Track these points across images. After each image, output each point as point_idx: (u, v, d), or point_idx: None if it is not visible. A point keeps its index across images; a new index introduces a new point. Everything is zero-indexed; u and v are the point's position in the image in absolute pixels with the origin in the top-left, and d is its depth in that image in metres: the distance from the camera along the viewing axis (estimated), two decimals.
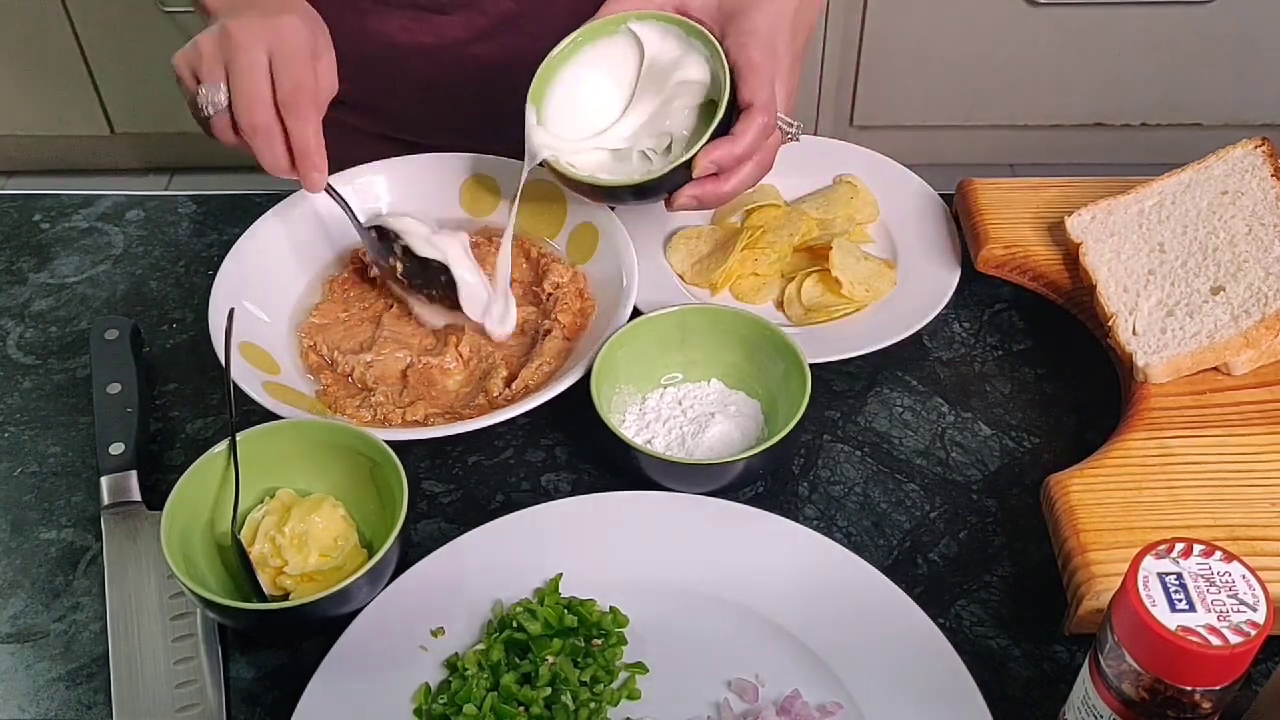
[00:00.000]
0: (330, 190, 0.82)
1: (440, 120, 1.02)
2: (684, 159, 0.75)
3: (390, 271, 0.85)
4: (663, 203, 0.79)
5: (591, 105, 0.83)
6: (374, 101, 1.02)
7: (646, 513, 0.73)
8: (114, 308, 0.91)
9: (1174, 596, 0.51)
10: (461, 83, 0.99)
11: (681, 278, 0.89)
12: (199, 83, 0.78)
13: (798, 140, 0.82)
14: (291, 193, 0.91)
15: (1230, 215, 0.83)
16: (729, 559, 0.71)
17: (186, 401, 0.84)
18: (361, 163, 0.92)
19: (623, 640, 0.67)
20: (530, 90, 0.80)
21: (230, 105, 0.77)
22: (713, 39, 0.78)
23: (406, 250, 0.84)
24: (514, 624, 0.67)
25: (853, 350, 0.81)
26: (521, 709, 0.64)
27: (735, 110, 0.77)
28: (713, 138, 0.75)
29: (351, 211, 0.85)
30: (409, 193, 0.92)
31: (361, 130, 1.04)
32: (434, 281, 0.84)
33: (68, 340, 0.89)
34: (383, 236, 0.85)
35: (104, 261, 0.95)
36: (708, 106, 0.80)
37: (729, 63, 0.76)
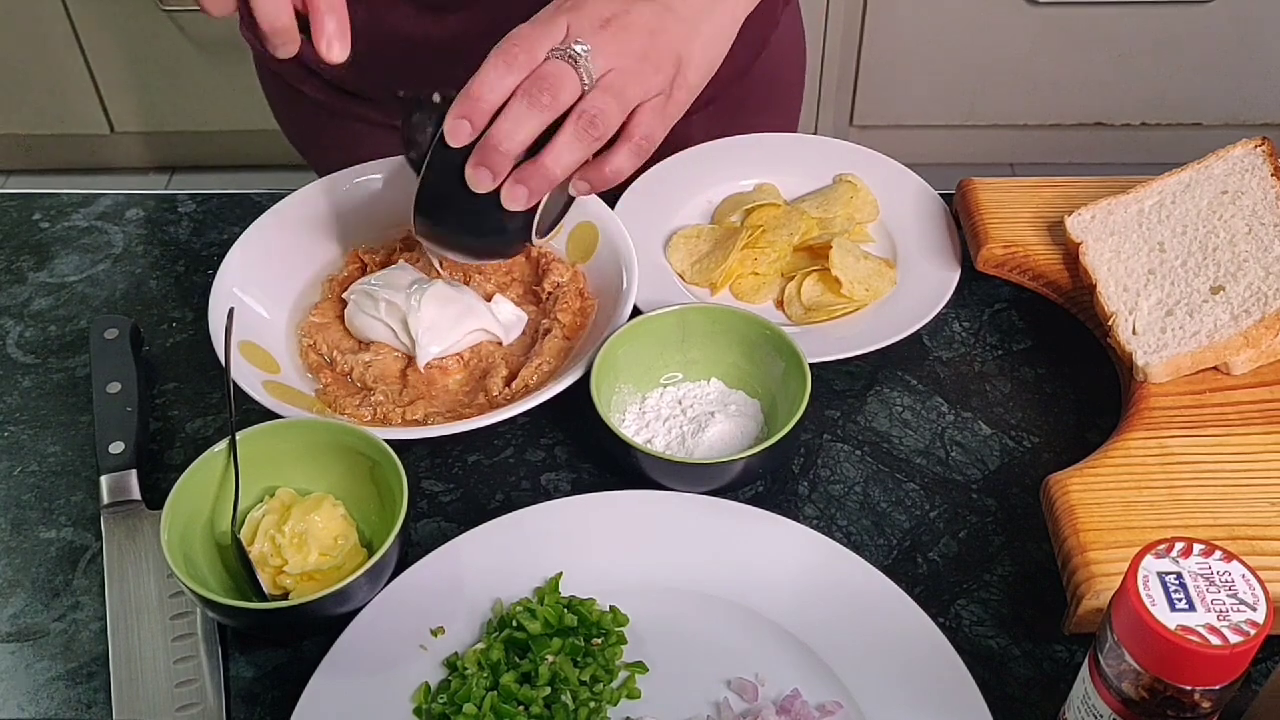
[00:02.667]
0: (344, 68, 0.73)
1: None
2: (436, 135, 0.69)
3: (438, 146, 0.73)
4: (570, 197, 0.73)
5: None
6: (380, 92, 1.02)
7: (646, 513, 0.73)
8: (114, 307, 0.91)
9: (1174, 596, 0.51)
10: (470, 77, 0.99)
11: (681, 277, 0.89)
12: None
13: (584, 67, 0.68)
14: (292, 192, 0.91)
15: (1230, 215, 0.83)
16: (729, 558, 0.71)
17: (186, 401, 0.84)
18: (371, 154, 0.92)
19: (622, 639, 0.67)
20: None
21: None
22: None
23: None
24: (514, 623, 0.67)
25: (853, 350, 0.81)
26: (521, 708, 0.64)
27: None
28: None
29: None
30: (409, 192, 0.92)
31: (371, 122, 1.04)
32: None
33: (67, 339, 0.89)
34: (421, 107, 0.75)
35: (104, 261, 0.95)
36: None
37: None
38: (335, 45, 0.70)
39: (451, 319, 0.82)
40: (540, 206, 0.73)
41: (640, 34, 0.70)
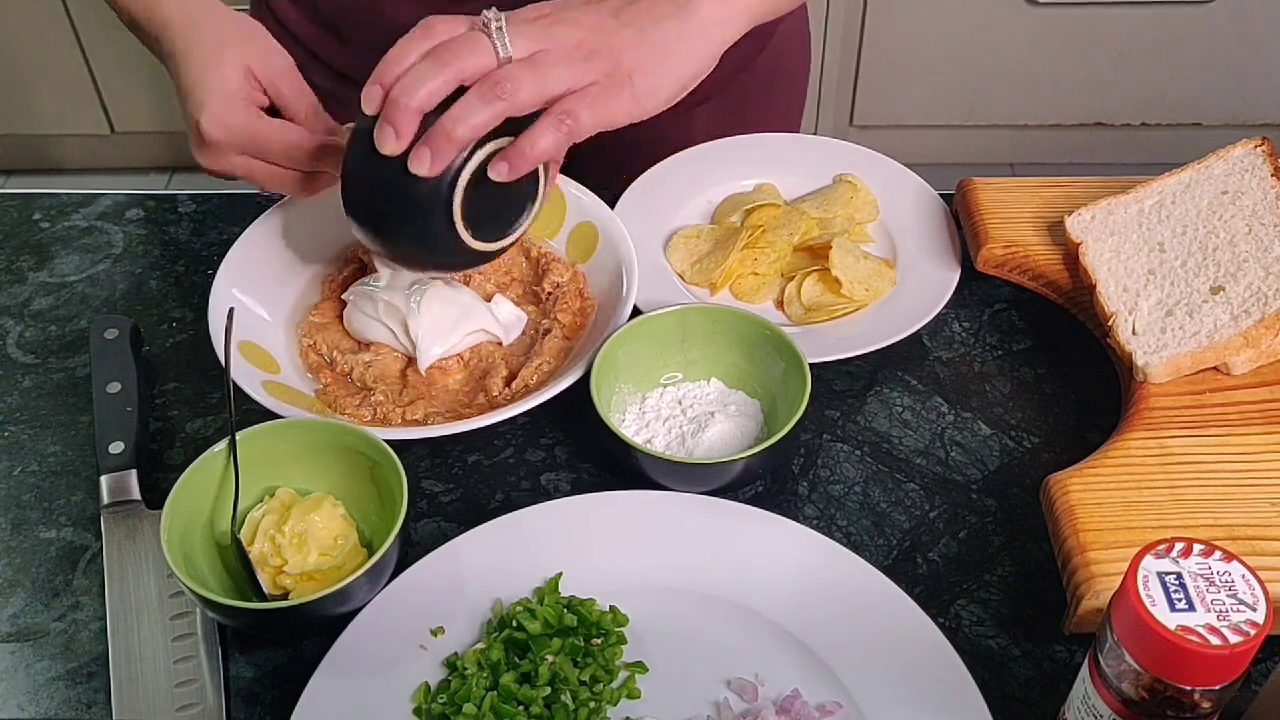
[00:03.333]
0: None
1: None
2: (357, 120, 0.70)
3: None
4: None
5: None
6: None
7: (646, 513, 0.73)
8: (114, 307, 0.91)
9: (1174, 596, 0.51)
10: None
11: (681, 277, 0.89)
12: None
13: (499, 37, 0.68)
14: None
15: (1230, 215, 0.83)
16: (729, 558, 0.71)
17: (186, 401, 0.84)
18: None
19: (622, 639, 0.67)
20: None
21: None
22: None
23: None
24: (514, 623, 0.67)
25: (853, 350, 0.81)
26: (521, 708, 0.64)
27: None
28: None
29: None
30: None
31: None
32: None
33: (67, 339, 0.89)
34: None
35: (104, 260, 0.95)
36: None
37: None
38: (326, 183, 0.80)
39: (451, 320, 0.82)
40: (457, 188, 0.69)
41: (573, 28, 0.70)
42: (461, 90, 0.68)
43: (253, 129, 0.77)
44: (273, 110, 0.80)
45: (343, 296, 0.86)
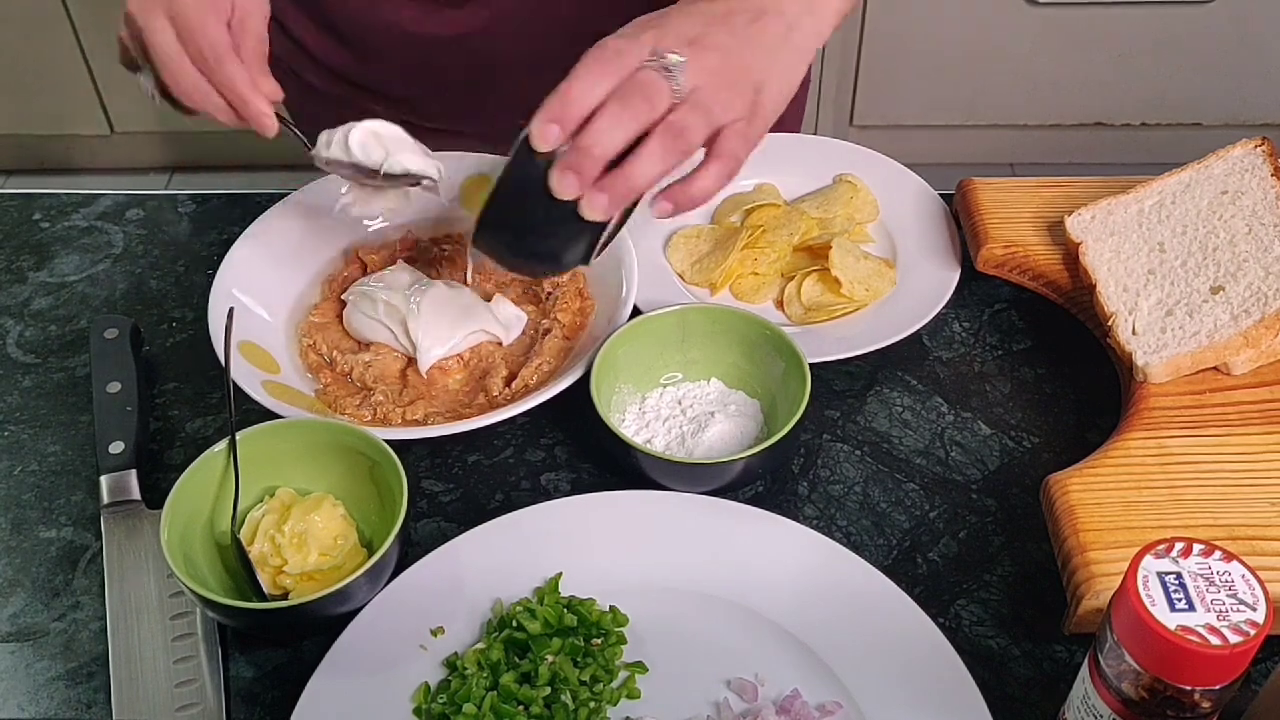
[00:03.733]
0: (284, 123, 0.77)
1: (454, 109, 1.03)
2: (519, 139, 0.67)
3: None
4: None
5: None
6: (388, 87, 1.03)
7: (646, 512, 0.73)
8: (114, 307, 0.91)
9: (1173, 596, 0.51)
10: (472, 74, 1.00)
11: (681, 277, 0.89)
12: (138, 73, 0.76)
13: (676, 79, 0.67)
14: (292, 191, 0.91)
15: (1230, 215, 0.83)
16: (729, 559, 0.71)
17: (186, 400, 0.84)
18: None
19: (622, 639, 0.67)
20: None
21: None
22: None
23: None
24: (514, 623, 0.67)
25: (853, 350, 0.81)
26: (521, 708, 0.64)
27: None
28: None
29: (303, 139, 0.79)
30: (412, 193, 0.92)
31: (377, 114, 1.04)
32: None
33: (67, 339, 0.89)
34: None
35: (104, 260, 0.95)
36: None
37: None
38: (268, 125, 0.75)
39: (451, 320, 0.82)
40: (612, 221, 0.71)
41: (721, 56, 0.69)
42: None
43: (199, 7, 0.74)
44: None
45: (342, 297, 0.86)
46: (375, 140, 0.78)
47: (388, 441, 0.71)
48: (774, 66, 0.72)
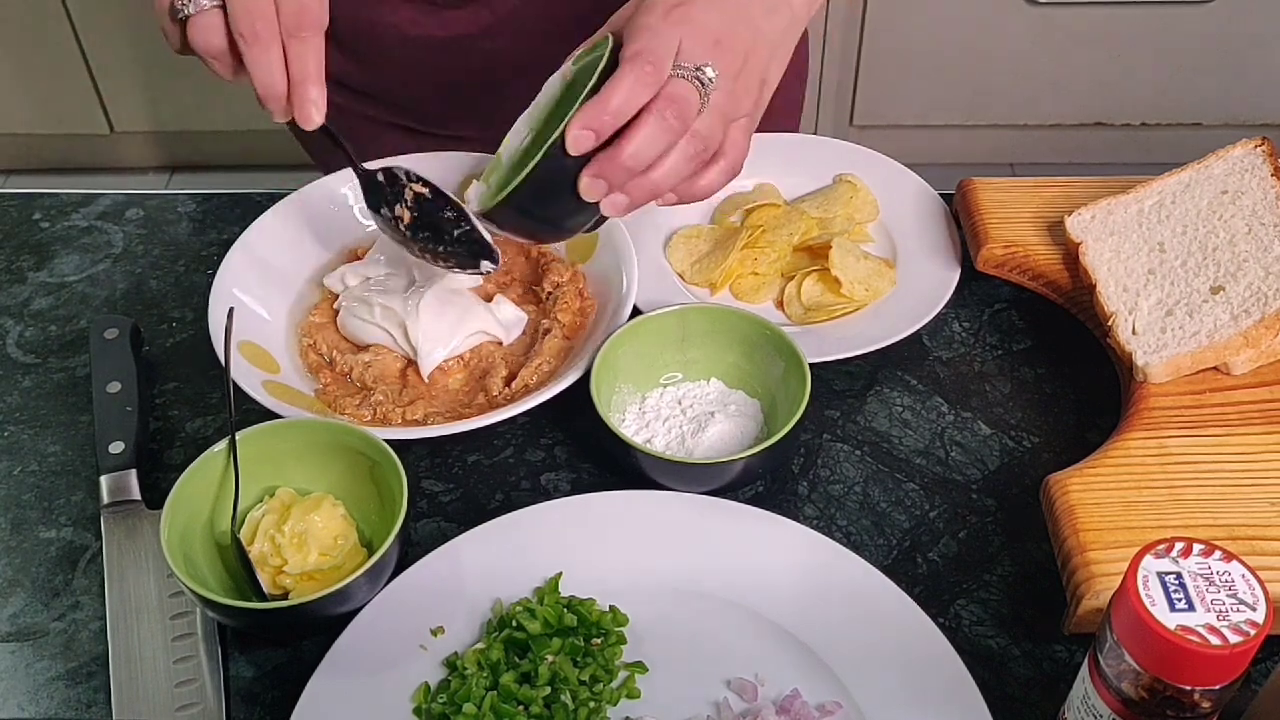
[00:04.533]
0: (326, 130, 0.75)
1: (454, 112, 1.03)
2: (554, 137, 0.66)
3: (393, 224, 0.79)
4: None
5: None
6: (388, 92, 1.02)
7: (646, 512, 0.73)
8: (114, 306, 0.91)
9: (1173, 596, 0.51)
10: (472, 76, 1.00)
11: (681, 277, 0.89)
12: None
13: (707, 92, 0.68)
14: (292, 191, 0.91)
15: (1230, 215, 0.83)
16: (729, 559, 0.71)
17: (186, 400, 0.84)
18: (376, 151, 0.92)
19: (622, 639, 0.67)
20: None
21: (225, 5, 0.70)
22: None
23: (420, 197, 0.77)
24: (513, 623, 0.67)
25: (852, 350, 0.81)
26: (521, 708, 0.64)
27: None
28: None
29: (349, 152, 0.78)
30: None
31: (376, 121, 1.04)
32: (444, 236, 0.77)
33: (67, 339, 0.89)
34: (392, 182, 0.78)
35: (104, 260, 0.95)
36: None
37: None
38: (314, 112, 0.72)
39: (451, 323, 0.82)
40: None
41: (739, 56, 0.70)
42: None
43: None
44: None
45: (334, 306, 0.86)
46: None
47: (388, 441, 0.71)
48: (776, 61, 0.73)
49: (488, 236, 0.77)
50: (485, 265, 0.77)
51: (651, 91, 0.67)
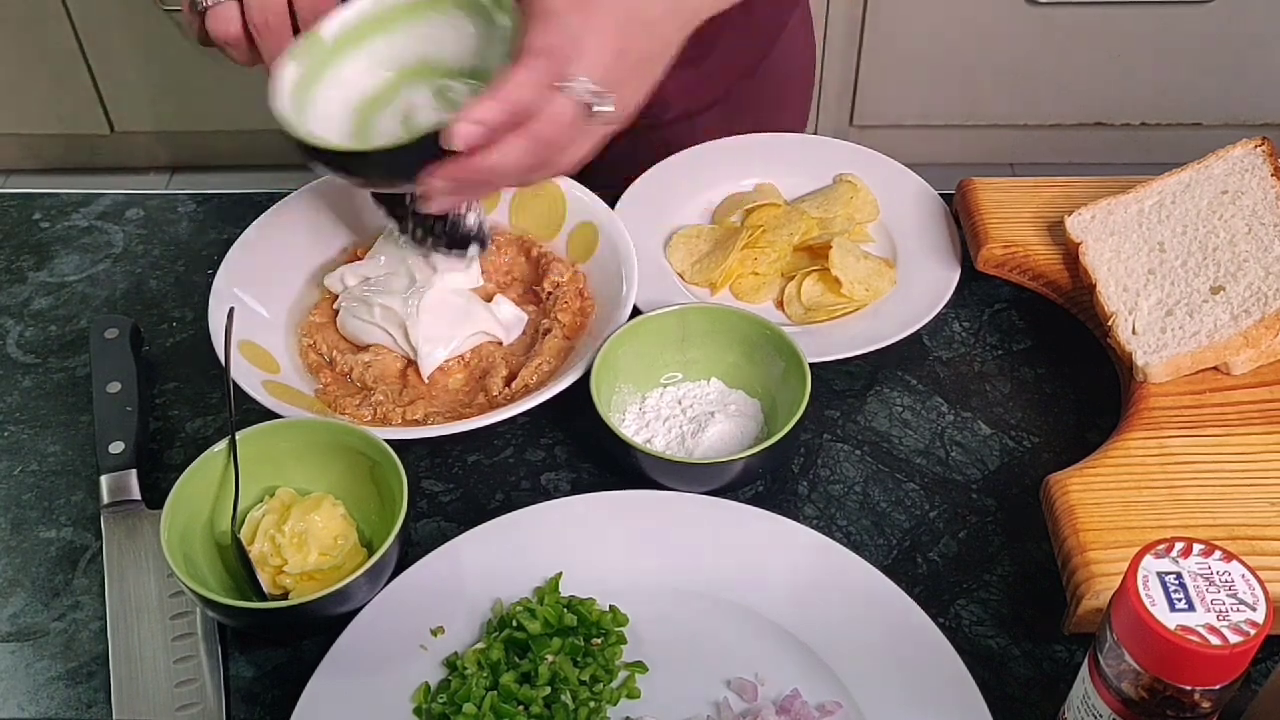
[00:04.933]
0: None
1: None
2: (430, 126, 0.63)
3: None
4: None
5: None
6: None
7: (646, 512, 0.73)
8: (114, 306, 0.91)
9: (1173, 596, 0.51)
10: None
11: (681, 277, 0.89)
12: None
13: (606, 121, 0.65)
14: (292, 191, 0.91)
15: (1230, 215, 0.83)
16: (729, 558, 0.71)
17: (186, 400, 0.84)
18: None
19: (622, 639, 0.67)
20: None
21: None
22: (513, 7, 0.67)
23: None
24: (514, 623, 0.67)
25: (853, 350, 0.81)
26: (521, 708, 0.64)
27: None
28: None
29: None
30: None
31: None
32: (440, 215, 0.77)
33: (67, 339, 0.89)
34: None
35: (104, 260, 0.95)
36: None
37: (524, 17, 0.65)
38: None
39: (451, 323, 0.82)
40: None
41: (634, 88, 0.68)
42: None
43: None
44: None
45: (334, 306, 0.86)
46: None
47: (388, 441, 0.71)
48: (656, 74, 0.70)
49: (485, 224, 0.77)
50: (473, 249, 0.79)
51: (544, 96, 0.64)
